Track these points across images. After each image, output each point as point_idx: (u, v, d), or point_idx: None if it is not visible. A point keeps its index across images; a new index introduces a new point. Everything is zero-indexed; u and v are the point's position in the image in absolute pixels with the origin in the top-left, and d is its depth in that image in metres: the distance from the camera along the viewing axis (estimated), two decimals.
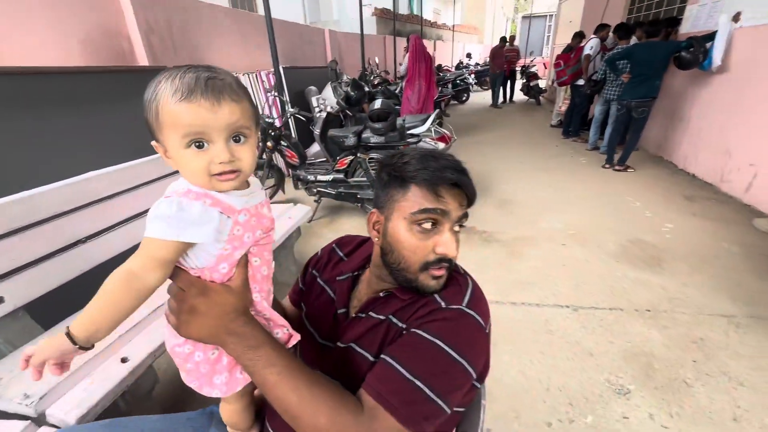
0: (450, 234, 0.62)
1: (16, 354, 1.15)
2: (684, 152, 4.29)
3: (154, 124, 0.50)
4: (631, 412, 1.45)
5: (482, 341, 0.62)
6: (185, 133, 0.48)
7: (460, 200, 0.63)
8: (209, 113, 0.48)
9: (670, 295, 2.12)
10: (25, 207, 1.23)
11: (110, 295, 0.50)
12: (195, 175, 0.51)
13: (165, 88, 0.47)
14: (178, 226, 0.48)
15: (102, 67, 2.14)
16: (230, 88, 0.50)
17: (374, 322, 0.65)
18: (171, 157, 0.52)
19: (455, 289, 0.65)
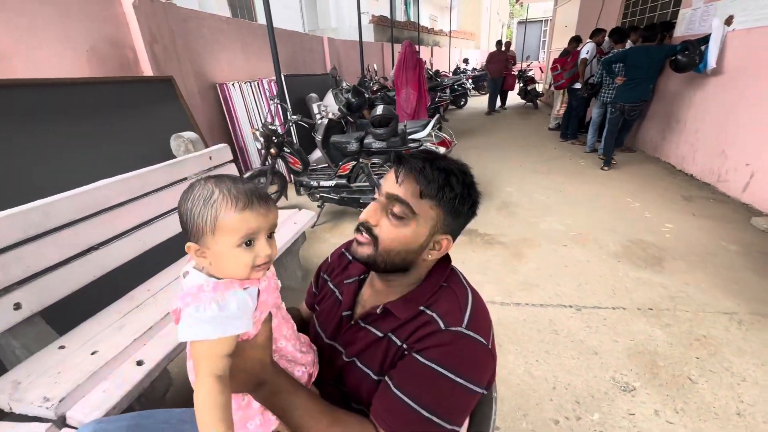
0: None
1: (34, 359, 1.17)
2: (681, 153, 4.34)
3: (204, 230, 0.54)
4: (636, 408, 1.47)
5: (486, 359, 0.62)
6: (243, 236, 0.55)
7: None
8: (263, 218, 0.56)
9: (672, 293, 2.15)
10: (41, 215, 1.26)
11: (215, 404, 0.50)
12: (240, 269, 0.56)
13: (223, 199, 0.54)
14: (223, 324, 0.52)
15: (108, 78, 2.18)
16: (269, 195, 0.60)
17: (374, 338, 0.67)
18: (213, 255, 0.55)
19: (454, 308, 0.64)
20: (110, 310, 1.41)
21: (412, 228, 0.64)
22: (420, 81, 4.74)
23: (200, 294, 0.53)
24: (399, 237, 0.64)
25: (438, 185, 0.63)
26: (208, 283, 0.54)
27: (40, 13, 2.23)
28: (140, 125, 2.17)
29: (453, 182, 0.64)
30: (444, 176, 0.63)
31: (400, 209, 0.63)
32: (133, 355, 1.19)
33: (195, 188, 0.56)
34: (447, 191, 0.63)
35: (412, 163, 0.65)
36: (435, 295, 0.68)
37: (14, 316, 1.17)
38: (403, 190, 0.63)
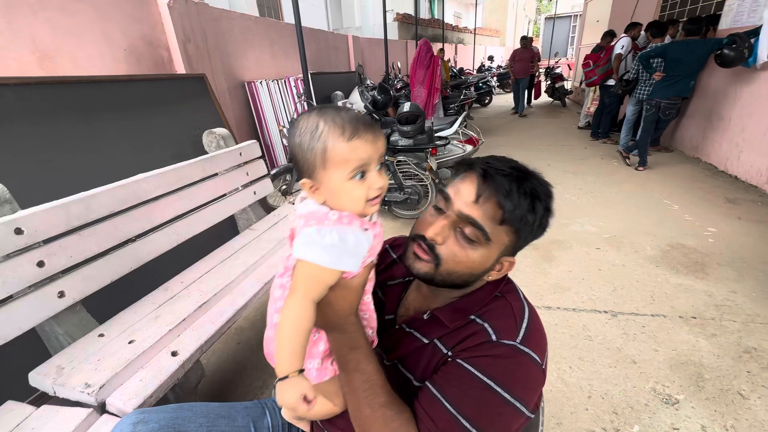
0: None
1: (75, 345, 1.21)
2: (725, 153, 4.08)
3: (316, 164, 0.53)
4: (680, 423, 1.38)
5: (538, 379, 0.58)
6: (354, 167, 0.53)
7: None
8: (372, 146, 0.54)
9: (717, 302, 2.02)
10: (83, 207, 1.31)
11: (300, 325, 0.54)
12: (355, 203, 0.55)
13: (329, 130, 0.52)
14: (338, 256, 0.53)
15: (145, 76, 2.25)
16: (376, 123, 0.58)
17: (418, 345, 0.64)
18: (327, 190, 0.55)
19: (509, 321, 0.60)
20: (146, 301, 1.44)
21: (480, 252, 0.59)
22: (431, 80, 4.68)
23: (324, 220, 0.54)
24: (465, 261, 0.59)
25: (523, 212, 0.57)
26: (333, 212, 0.54)
27: (80, 13, 2.33)
28: (174, 121, 2.23)
29: (537, 208, 0.58)
30: (530, 201, 0.57)
31: (473, 233, 0.58)
32: (168, 346, 1.22)
33: (300, 121, 0.55)
34: (530, 218, 0.57)
35: (498, 182, 0.57)
36: (488, 305, 0.63)
37: (58, 303, 1.22)
38: (482, 212, 0.57)
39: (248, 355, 1.80)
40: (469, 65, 14.17)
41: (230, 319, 1.36)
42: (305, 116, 0.55)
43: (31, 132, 1.56)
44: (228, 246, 1.87)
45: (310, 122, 0.54)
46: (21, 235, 1.13)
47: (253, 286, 1.54)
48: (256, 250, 1.80)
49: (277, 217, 2.22)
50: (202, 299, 1.42)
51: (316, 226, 0.53)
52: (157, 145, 2.08)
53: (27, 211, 1.16)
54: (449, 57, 10.86)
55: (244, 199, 2.12)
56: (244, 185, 2.13)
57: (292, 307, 0.54)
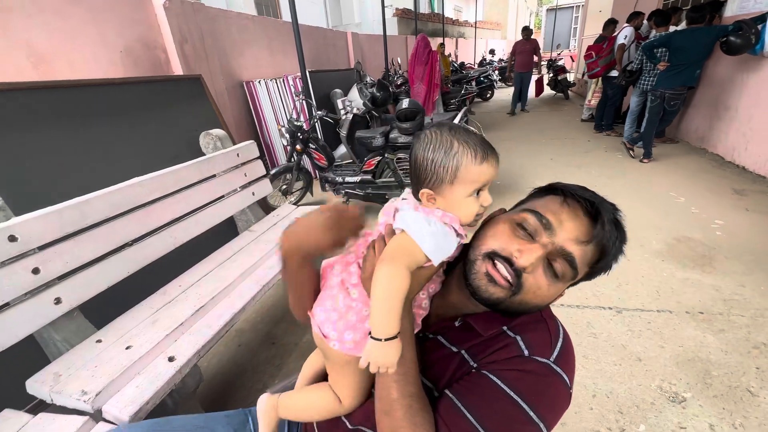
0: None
1: (73, 352, 1.21)
2: (731, 143, 4.01)
3: (444, 179, 0.56)
4: (688, 421, 1.35)
5: (564, 403, 0.55)
6: (478, 187, 0.57)
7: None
8: (494, 169, 0.58)
9: (725, 296, 1.98)
10: (78, 213, 1.30)
11: (397, 289, 0.52)
12: (468, 216, 0.59)
13: (464, 151, 0.55)
14: (436, 245, 0.55)
15: (141, 78, 2.23)
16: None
17: (445, 353, 0.61)
18: (445, 202, 0.57)
19: (543, 336, 0.57)
20: (144, 305, 1.44)
21: (558, 288, 0.58)
22: (430, 75, 4.63)
23: (431, 213, 0.57)
24: (544, 295, 0.57)
25: (613, 259, 0.57)
26: (438, 212, 0.58)
27: (76, 15, 2.31)
28: (171, 123, 2.21)
29: (621, 251, 0.58)
30: (619, 244, 0.57)
31: (564, 269, 0.56)
32: (165, 351, 1.21)
33: (431, 137, 0.57)
34: (612, 264, 0.58)
35: (608, 230, 0.55)
36: (522, 317, 0.60)
37: (55, 310, 1.21)
38: (584, 253, 0.56)
39: (249, 357, 1.79)
40: (471, 59, 14.05)
41: (228, 323, 1.35)
42: (437, 132, 0.57)
43: (26, 138, 1.55)
44: (226, 248, 1.86)
45: (443, 140, 0.56)
46: (15, 242, 1.12)
47: (251, 288, 1.52)
48: (255, 252, 1.79)
49: (277, 218, 2.21)
50: (199, 303, 1.41)
51: (425, 215, 0.57)
52: (154, 148, 2.07)
53: (20, 218, 1.15)
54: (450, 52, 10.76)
55: (243, 200, 2.11)
56: (242, 186, 2.11)
57: (389, 273, 0.52)
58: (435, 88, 4.82)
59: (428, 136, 0.57)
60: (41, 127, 1.62)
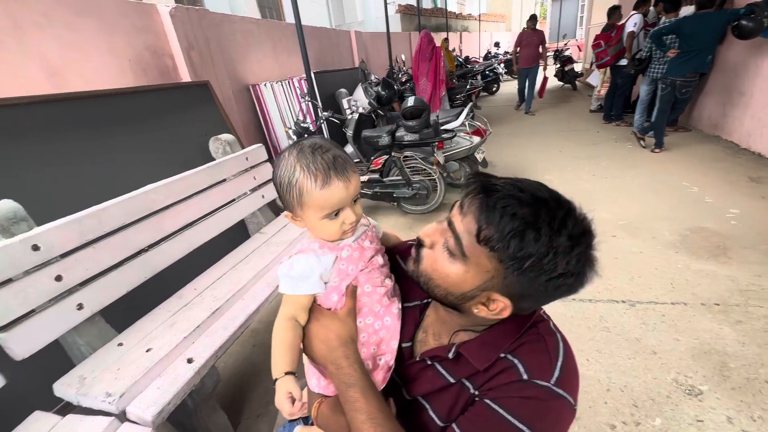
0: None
1: (96, 355, 1.25)
2: (746, 129, 3.91)
3: (293, 204, 0.61)
4: (705, 414, 1.34)
5: (569, 423, 0.54)
6: (327, 212, 0.60)
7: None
8: (344, 191, 0.59)
9: (742, 287, 1.94)
10: (96, 220, 1.34)
11: (284, 339, 0.64)
12: (330, 235, 0.64)
13: (304, 177, 0.58)
14: (291, 284, 0.63)
15: (149, 86, 2.28)
16: (348, 161, 0.61)
17: (443, 383, 0.60)
18: (305, 223, 0.63)
19: (542, 358, 0.55)
20: (162, 309, 1.48)
21: (458, 269, 0.53)
22: (435, 72, 4.60)
23: (294, 250, 0.65)
24: (440, 270, 0.55)
25: (502, 234, 0.48)
26: (302, 243, 0.66)
27: (85, 27, 2.36)
28: (181, 130, 2.26)
29: (528, 238, 0.47)
30: (519, 225, 0.47)
31: (453, 244, 0.53)
32: (183, 353, 1.24)
33: (281, 160, 0.60)
34: (513, 245, 0.47)
35: (487, 195, 0.50)
36: (520, 338, 0.58)
37: (78, 315, 1.25)
38: (463, 223, 0.53)
39: (264, 357, 1.82)
40: (475, 53, 13.92)
41: (243, 324, 1.38)
42: (287, 154, 0.60)
43: (43, 149, 1.60)
44: (239, 251, 1.90)
45: (289, 164, 0.59)
46: (38, 251, 1.17)
47: (264, 290, 1.55)
48: (266, 254, 1.82)
49: (287, 220, 2.24)
50: (215, 305, 1.44)
51: (285, 259, 0.65)
52: (165, 154, 2.11)
53: (42, 228, 1.20)
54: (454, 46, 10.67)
55: (253, 203, 2.14)
56: (252, 189, 2.15)
57: (275, 325, 0.65)
58: (441, 84, 4.79)
59: (282, 157, 0.60)
60: (58, 138, 1.67)
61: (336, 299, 0.65)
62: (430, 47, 4.58)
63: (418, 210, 3.15)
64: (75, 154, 1.71)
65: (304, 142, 0.61)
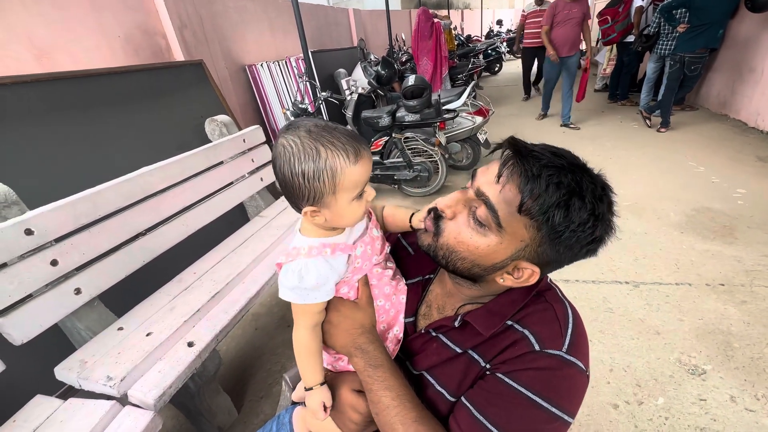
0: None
1: (96, 339, 1.24)
2: (756, 107, 3.81)
3: (324, 191, 0.52)
4: (708, 393, 1.34)
5: (583, 388, 0.53)
6: (359, 190, 0.54)
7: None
8: (370, 162, 0.55)
9: (747, 267, 1.92)
10: (90, 204, 1.31)
11: (308, 349, 0.61)
12: (356, 219, 0.57)
13: (334, 154, 0.50)
14: (302, 295, 0.57)
15: (141, 66, 2.20)
16: (361, 135, 0.57)
17: (449, 354, 0.58)
18: (330, 213, 0.54)
19: (553, 327, 0.54)
20: (161, 293, 1.46)
21: (489, 241, 0.51)
22: (436, 50, 4.46)
23: (295, 255, 0.57)
24: (468, 243, 0.52)
25: (548, 204, 0.46)
26: (304, 247, 0.57)
27: (73, 6, 2.27)
28: (175, 110, 2.20)
29: (574, 206, 0.46)
30: (565, 195, 0.46)
31: (485, 215, 0.50)
32: (184, 337, 1.23)
33: (292, 148, 0.50)
34: (558, 215, 0.46)
35: (528, 163, 0.48)
36: (527, 307, 0.57)
37: (76, 300, 1.24)
38: (499, 193, 0.49)
39: (266, 340, 1.83)
40: (477, 32, 13.55)
41: (243, 308, 1.37)
42: (295, 141, 0.50)
43: (32, 131, 1.55)
44: (238, 234, 1.87)
45: (306, 148, 0.50)
46: (32, 235, 1.14)
47: (264, 273, 1.54)
48: (266, 238, 1.80)
49: (285, 202, 2.21)
50: (215, 289, 1.42)
51: (284, 268, 0.58)
52: (160, 136, 2.06)
53: (35, 212, 1.17)
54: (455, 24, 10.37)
55: (252, 186, 2.10)
56: (250, 172, 2.11)
57: (295, 336, 0.61)
58: (443, 61, 4.65)
59: (287, 146, 0.50)
60: (47, 119, 1.62)
61: (347, 290, 0.63)
62: (428, 24, 4.43)
63: (419, 192, 3.11)
64: (66, 136, 1.66)
65: (299, 123, 0.53)
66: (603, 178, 0.51)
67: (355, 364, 0.60)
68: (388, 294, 0.66)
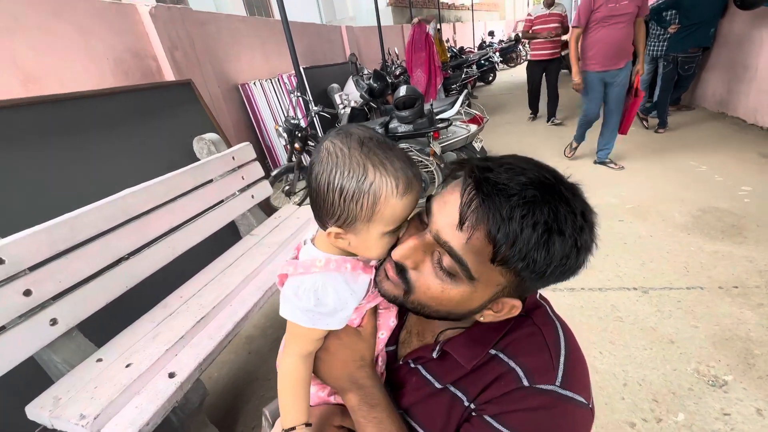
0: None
1: (74, 372, 1.17)
2: (753, 105, 3.77)
3: (359, 216, 0.45)
4: (732, 407, 1.24)
5: (588, 425, 0.46)
6: (398, 224, 0.48)
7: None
8: (415, 203, 0.48)
9: (760, 267, 1.84)
10: (68, 229, 1.25)
11: (296, 380, 0.53)
12: (380, 253, 0.50)
13: (383, 182, 0.44)
14: (314, 319, 0.50)
15: (129, 87, 2.18)
16: (415, 164, 0.49)
17: (430, 390, 0.52)
18: (357, 240, 0.48)
19: (542, 355, 0.46)
20: (145, 320, 1.39)
21: (462, 290, 0.45)
22: (429, 61, 4.48)
23: (308, 267, 0.50)
24: (440, 297, 0.46)
25: (525, 250, 0.39)
26: (321, 259, 0.50)
27: (60, 31, 2.27)
28: (163, 131, 2.17)
29: (554, 245, 0.39)
30: (543, 234, 0.38)
31: (452, 266, 0.43)
32: (165, 367, 1.15)
33: (338, 156, 0.43)
34: (539, 257, 0.39)
35: (494, 202, 0.39)
36: (512, 332, 0.50)
37: (52, 331, 1.17)
38: (465, 243, 0.41)
39: (260, 364, 1.74)
40: (470, 43, 13.74)
41: (230, 333, 1.30)
42: (343, 150, 0.43)
43: (15, 156, 1.51)
44: (228, 254, 1.81)
45: (354, 163, 0.43)
46: (2, 264, 1.08)
47: (254, 294, 1.46)
48: (257, 256, 1.73)
49: (279, 220, 2.15)
50: (200, 314, 1.35)
51: (295, 284, 0.50)
52: (148, 157, 2.03)
53: (6, 240, 1.11)
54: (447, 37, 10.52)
55: (243, 204, 2.05)
56: (240, 190, 2.05)
57: (285, 364, 0.53)
58: (437, 71, 4.67)
59: (333, 154, 0.44)
60: (31, 144, 1.58)
61: (354, 316, 0.56)
62: (422, 36, 4.47)
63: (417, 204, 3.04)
64: (50, 160, 1.62)
65: (352, 130, 0.46)
66: (580, 196, 0.43)
67: (347, 401, 0.53)
68: (389, 324, 0.60)
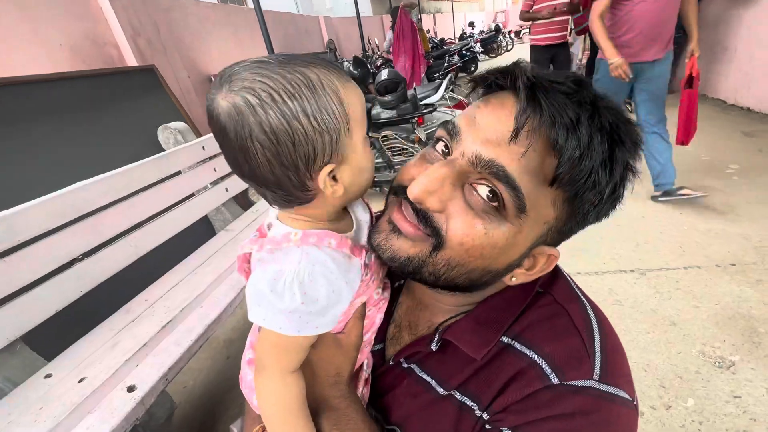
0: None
1: (18, 392, 1.01)
2: (733, 85, 3.80)
3: (339, 129, 0.33)
4: (741, 389, 1.18)
5: (633, 426, 0.35)
6: (365, 121, 0.38)
7: None
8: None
9: (756, 243, 1.80)
10: (5, 228, 1.08)
11: (289, 405, 0.38)
12: (372, 174, 0.39)
13: (329, 76, 0.33)
14: (301, 322, 0.35)
15: (85, 72, 1.99)
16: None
17: (431, 398, 0.40)
18: (350, 169, 0.36)
19: (571, 341, 0.36)
20: (104, 327, 1.24)
21: (508, 230, 0.34)
22: (413, 47, 4.38)
23: (281, 243, 0.36)
24: (484, 242, 0.33)
25: (592, 164, 0.31)
26: (296, 232, 0.36)
27: (2, 14, 2.06)
28: (125, 119, 1.99)
29: (617, 161, 0.32)
30: (611, 146, 0.31)
31: (508, 194, 0.32)
32: (123, 380, 1.01)
33: (268, 88, 0.31)
34: (603, 178, 0.32)
35: (557, 104, 0.30)
36: (528, 312, 0.38)
37: None
38: (520, 159, 0.32)
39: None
40: (450, 35, 13.66)
41: (200, 337, 1.16)
42: (258, 84, 0.31)
43: None
44: (200, 251, 1.66)
45: (289, 81, 0.31)
46: None
47: (227, 294, 1.32)
48: (231, 253, 1.59)
49: (256, 213, 2.00)
50: (167, 318, 1.21)
51: (271, 275, 0.35)
52: (107, 147, 1.85)
53: None
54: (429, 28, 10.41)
55: (216, 197, 1.89)
56: (213, 182, 1.90)
57: (268, 390, 0.38)
58: (420, 57, 4.56)
59: (256, 93, 0.31)
60: None
61: (341, 319, 0.43)
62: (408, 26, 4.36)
63: None
64: None
65: (240, 66, 0.34)
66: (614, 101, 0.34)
67: (317, 424, 0.41)
68: (378, 325, 0.47)
